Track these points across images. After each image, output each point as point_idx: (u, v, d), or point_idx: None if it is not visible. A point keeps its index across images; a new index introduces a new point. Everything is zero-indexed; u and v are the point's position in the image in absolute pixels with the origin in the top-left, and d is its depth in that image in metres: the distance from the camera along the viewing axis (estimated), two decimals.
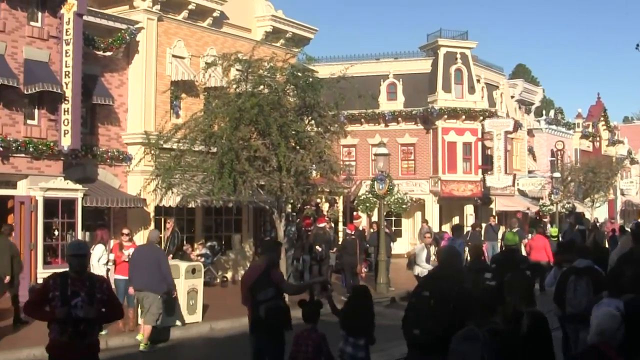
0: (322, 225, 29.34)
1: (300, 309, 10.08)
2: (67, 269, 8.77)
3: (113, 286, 17.88)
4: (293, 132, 22.72)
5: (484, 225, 34.99)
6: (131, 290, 17.29)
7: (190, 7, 28.75)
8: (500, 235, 33.39)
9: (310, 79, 23.64)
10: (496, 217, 36.77)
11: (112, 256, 19.03)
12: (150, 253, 17.04)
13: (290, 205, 27.25)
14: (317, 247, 27.87)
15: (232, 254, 30.33)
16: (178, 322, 18.71)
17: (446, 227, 42.49)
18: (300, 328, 9.99)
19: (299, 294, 11.80)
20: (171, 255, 22.00)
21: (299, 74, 23.88)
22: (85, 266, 8.94)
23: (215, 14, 29.85)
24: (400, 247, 41.71)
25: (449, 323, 8.01)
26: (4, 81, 21.77)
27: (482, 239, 31.05)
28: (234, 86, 23.84)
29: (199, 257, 26.58)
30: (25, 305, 9.00)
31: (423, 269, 20.01)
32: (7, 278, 18.11)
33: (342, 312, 9.92)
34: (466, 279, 9.76)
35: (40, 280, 22.46)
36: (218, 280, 27.89)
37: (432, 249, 21.04)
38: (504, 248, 23.33)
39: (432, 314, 8.37)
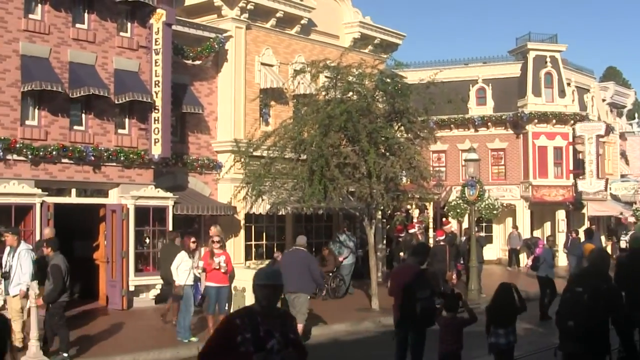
0: (412, 231, 28.70)
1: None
2: (249, 305, 6.77)
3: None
4: (382, 139, 22.34)
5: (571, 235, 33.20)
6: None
7: (278, 15, 28.21)
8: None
9: (399, 85, 22.92)
10: (578, 232, 34.89)
11: (201, 264, 18.63)
12: (300, 257, 17.87)
13: (380, 212, 26.55)
14: (401, 253, 27.15)
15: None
16: None
17: (537, 233, 41.26)
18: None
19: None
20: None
21: (388, 80, 23.38)
22: (278, 300, 6.67)
23: (303, 22, 29.25)
24: (491, 253, 40.59)
25: (599, 317, 9.37)
26: (95, 91, 21.48)
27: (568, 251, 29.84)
28: (323, 93, 23.58)
29: None
30: (201, 355, 6.41)
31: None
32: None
33: (488, 308, 11.47)
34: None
35: (132, 288, 22.15)
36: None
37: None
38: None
39: (585, 308, 9.39)
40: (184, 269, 17.98)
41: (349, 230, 27.29)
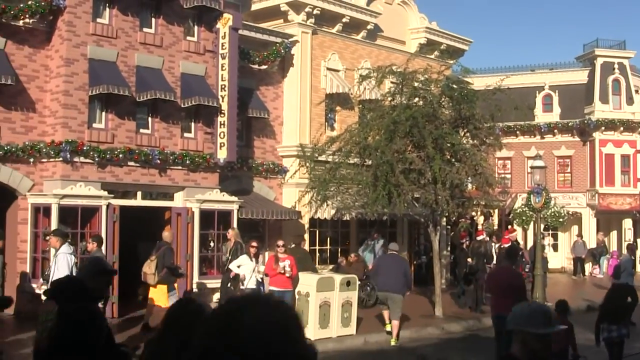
0: (479, 238, 28.01)
1: None
2: None
3: None
4: (448, 145, 21.84)
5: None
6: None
7: (344, 20, 27.64)
8: None
9: (466, 91, 22.39)
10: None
11: (262, 268, 18.39)
12: (396, 261, 19.02)
13: (444, 219, 25.90)
14: (469, 259, 26.40)
15: None
16: (331, 334, 17.89)
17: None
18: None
19: None
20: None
21: (454, 85, 22.81)
22: None
23: (369, 27, 28.62)
24: (556, 261, 39.46)
25: None
26: (161, 95, 21.17)
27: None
28: (389, 98, 23.12)
29: None
30: None
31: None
32: None
33: (602, 307, 12.67)
34: None
35: (196, 291, 21.79)
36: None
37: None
38: None
39: None
40: (246, 272, 17.58)
41: (380, 236, 26.26)
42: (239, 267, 17.95)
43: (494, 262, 25.82)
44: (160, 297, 17.72)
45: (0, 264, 17.51)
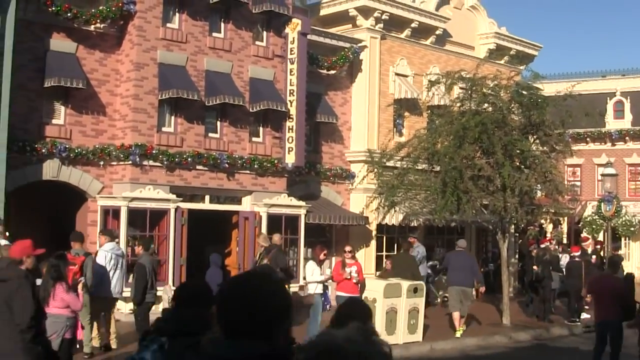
0: (543, 245, 27.14)
1: None
2: None
3: (334, 302, 17.40)
4: (518, 151, 21.21)
5: None
6: None
7: (413, 25, 26.92)
8: None
9: (536, 97, 21.71)
10: None
11: (328, 271, 18.10)
12: (466, 258, 20.19)
13: (513, 226, 25.15)
14: (535, 267, 25.58)
15: None
16: (397, 341, 17.20)
17: None
18: None
19: None
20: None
21: (524, 91, 22.07)
22: None
23: (438, 32, 27.87)
24: (627, 270, 38.10)
25: None
26: (230, 100, 20.83)
27: None
28: (458, 104, 22.48)
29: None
30: None
31: None
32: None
33: None
34: None
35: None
36: (438, 300, 25.78)
37: None
38: None
39: None
40: (315, 278, 17.26)
41: (418, 241, 25.39)
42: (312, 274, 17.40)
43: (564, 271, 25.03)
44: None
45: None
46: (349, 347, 2.69)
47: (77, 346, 13.49)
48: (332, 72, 25.09)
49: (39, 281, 10.66)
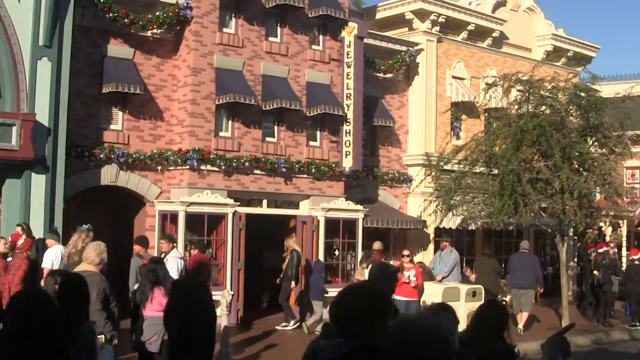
0: (601, 250, 26.08)
1: None
2: None
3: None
4: (576, 154, 20.38)
5: None
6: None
7: (469, 27, 25.99)
8: None
9: (594, 99, 20.86)
10: None
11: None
12: (528, 258, 20.31)
13: (572, 229, 24.22)
14: (595, 272, 24.57)
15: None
16: None
17: None
18: None
19: None
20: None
21: (582, 93, 21.23)
22: None
23: (494, 34, 26.88)
24: None
25: None
26: (287, 104, 20.17)
27: None
28: (515, 107, 21.70)
29: None
30: None
31: None
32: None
33: None
34: None
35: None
36: None
37: None
38: None
39: None
40: None
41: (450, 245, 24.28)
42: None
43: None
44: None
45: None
46: (420, 321, 3.48)
47: None
48: (389, 75, 24.27)
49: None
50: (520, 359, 6.21)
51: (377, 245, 19.18)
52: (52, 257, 13.79)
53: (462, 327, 16.69)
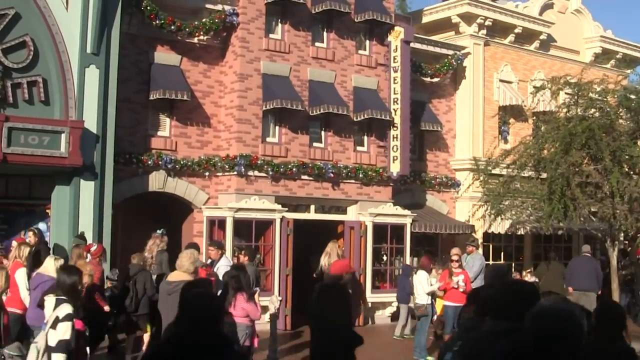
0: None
1: None
2: None
3: (439, 313, 16.63)
4: (626, 157, 19.67)
5: None
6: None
7: (516, 30, 25.17)
8: None
9: None
10: None
11: (433, 281, 16.74)
12: (588, 262, 19.69)
13: (622, 234, 23.38)
14: None
15: None
16: None
17: None
18: None
19: None
20: None
21: (632, 96, 20.58)
22: None
23: (542, 37, 26.00)
24: None
25: None
26: (334, 109, 19.57)
27: None
28: (564, 110, 21.10)
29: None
30: None
31: None
32: None
33: None
34: None
35: (369, 305, 20.11)
36: None
37: None
38: None
39: None
40: (425, 288, 16.00)
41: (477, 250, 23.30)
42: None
43: None
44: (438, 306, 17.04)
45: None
46: (557, 307, 4.07)
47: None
48: (436, 79, 23.54)
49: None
50: None
51: (454, 251, 18.39)
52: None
53: None
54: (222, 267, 13.33)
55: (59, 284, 8.15)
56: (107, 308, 12.77)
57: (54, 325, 7.59)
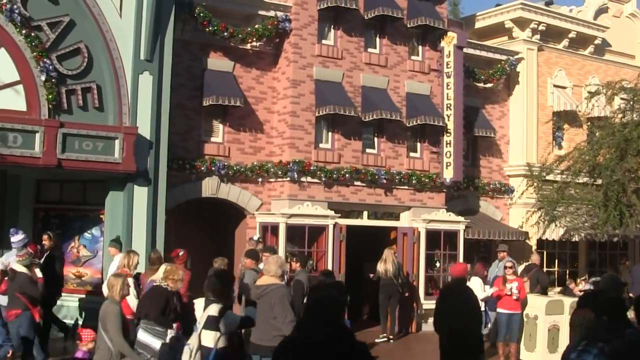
0: None
1: None
2: None
3: (493, 319, 16.15)
4: None
5: None
6: None
7: (570, 35, 24.15)
8: None
9: None
10: None
11: (487, 287, 16.21)
12: None
13: None
14: None
15: None
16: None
17: None
18: None
19: None
20: None
21: None
22: None
23: (596, 42, 24.97)
24: None
25: None
26: (387, 115, 18.86)
27: None
28: (619, 115, 20.39)
29: (583, 293, 21.93)
30: None
31: None
32: None
33: None
34: None
35: (421, 312, 19.37)
36: None
37: None
38: None
39: None
40: (479, 295, 15.33)
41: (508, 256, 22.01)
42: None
43: None
44: None
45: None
46: None
47: None
48: (489, 85, 22.67)
49: None
50: None
51: (535, 257, 18.54)
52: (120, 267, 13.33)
53: (566, 340, 15.37)
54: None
55: (210, 286, 8.56)
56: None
57: (206, 326, 8.12)
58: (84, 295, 16.06)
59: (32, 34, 14.96)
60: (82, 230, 16.84)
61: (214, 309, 8.21)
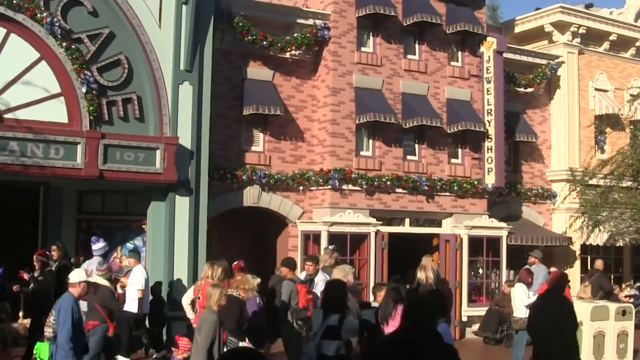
0: None
1: None
2: None
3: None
4: None
5: None
6: None
7: (611, 38, 23.31)
8: None
9: None
10: None
11: (530, 294, 15.10)
12: None
13: None
14: None
15: None
16: None
17: None
18: None
19: None
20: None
21: None
22: None
23: (638, 44, 24.05)
24: None
25: None
26: (427, 122, 18.31)
27: None
28: None
29: (628, 298, 21.17)
30: None
31: None
32: None
33: None
34: None
35: (464, 319, 18.74)
36: None
37: None
38: None
39: None
40: (524, 301, 14.65)
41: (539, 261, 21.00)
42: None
43: None
44: None
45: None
46: None
47: None
48: (530, 89, 21.94)
49: None
50: None
51: (598, 263, 18.35)
52: (142, 278, 13.49)
53: (611, 346, 14.68)
54: (320, 282, 12.26)
55: (329, 298, 8.61)
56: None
57: (325, 335, 8.26)
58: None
59: (73, 47, 14.70)
60: (125, 241, 16.53)
61: (333, 319, 8.36)
